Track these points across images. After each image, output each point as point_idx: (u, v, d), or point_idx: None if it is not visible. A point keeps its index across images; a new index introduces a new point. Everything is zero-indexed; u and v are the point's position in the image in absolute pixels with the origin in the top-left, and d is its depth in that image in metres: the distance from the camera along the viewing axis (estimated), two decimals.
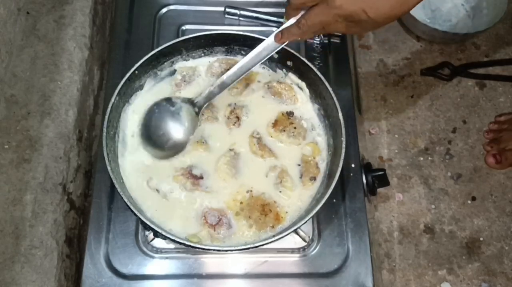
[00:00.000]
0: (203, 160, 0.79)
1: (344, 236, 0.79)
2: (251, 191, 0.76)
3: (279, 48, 0.74)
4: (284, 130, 0.81)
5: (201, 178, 0.77)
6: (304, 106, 0.85)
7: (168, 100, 0.80)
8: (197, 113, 0.79)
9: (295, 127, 0.81)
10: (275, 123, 0.82)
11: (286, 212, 0.75)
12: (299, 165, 0.79)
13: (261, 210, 0.74)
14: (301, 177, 0.78)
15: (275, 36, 0.73)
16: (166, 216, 0.74)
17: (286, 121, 0.82)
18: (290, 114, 0.83)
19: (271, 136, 0.81)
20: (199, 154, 0.79)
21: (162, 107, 0.79)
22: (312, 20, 0.65)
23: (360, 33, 0.66)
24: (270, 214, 0.74)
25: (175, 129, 0.78)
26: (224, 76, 0.76)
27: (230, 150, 0.80)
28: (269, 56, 0.75)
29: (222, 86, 0.77)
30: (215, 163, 0.78)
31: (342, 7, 0.61)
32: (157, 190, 0.75)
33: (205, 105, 0.79)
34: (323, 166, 0.79)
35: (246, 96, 0.85)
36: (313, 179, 0.77)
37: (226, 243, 0.72)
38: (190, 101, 0.79)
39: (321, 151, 0.80)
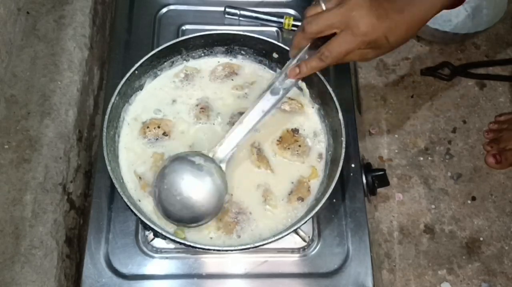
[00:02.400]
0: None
1: (344, 236, 0.79)
2: (231, 195, 0.76)
3: (293, 86, 0.72)
4: (289, 148, 0.80)
5: None
6: (311, 123, 0.83)
7: (181, 159, 0.70)
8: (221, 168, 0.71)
9: (299, 146, 0.80)
10: (280, 141, 0.80)
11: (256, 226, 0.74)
12: (293, 183, 0.78)
13: (234, 217, 0.74)
14: (289, 194, 0.77)
15: (290, 72, 0.69)
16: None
17: (291, 138, 0.81)
18: (295, 131, 0.81)
19: (275, 154, 0.80)
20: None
21: (178, 167, 0.68)
22: (337, 50, 0.63)
23: (371, 59, 0.67)
24: (240, 224, 0.74)
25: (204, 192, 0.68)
26: (236, 126, 0.71)
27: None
28: (282, 97, 0.71)
29: (238, 135, 0.71)
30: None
31: (367, 34, 0.61)
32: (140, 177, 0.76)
33: (228, 158, 0.72)
34: (315, 189, 0.77)
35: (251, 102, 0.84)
36: (301, 199, 0.76)
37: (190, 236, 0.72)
38: (209, 159, 0.70)
39: (318, 175, 0.79)
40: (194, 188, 0.67)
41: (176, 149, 0.79)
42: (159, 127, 0.79)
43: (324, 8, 0.65)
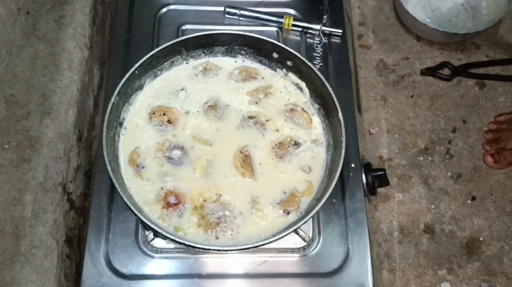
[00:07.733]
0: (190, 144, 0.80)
1: (344, 235, 0.79)
2: (220, 195, 0.76)
3: None
4: (281, 157, 0.80)
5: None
6: (316, 134, 0.83)
7: None
8: None
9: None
10: (278, 146, 0.80)
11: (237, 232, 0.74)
12: (285, 193, 0.77)
13: (217, 218, 0.74)
14: (278, 203, 0.76)
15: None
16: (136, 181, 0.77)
17: (288, 149, 0.80)
18: (296, 145, 0.81)
19: (269, 156, 0.80)
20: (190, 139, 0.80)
21: None
22: None
23: None
24: (222, 225, 0.74)
25: None
26: None
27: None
28: None
29: None
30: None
31: None
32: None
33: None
34: (304, 206, 0.76)
35: (262, 108, 0.84)
36: (287, 212, 0.75)
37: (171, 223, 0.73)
38: None
39: (313, 193, 0.78)
40: None
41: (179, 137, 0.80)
42: (164, 114, 0.80)
43: None
